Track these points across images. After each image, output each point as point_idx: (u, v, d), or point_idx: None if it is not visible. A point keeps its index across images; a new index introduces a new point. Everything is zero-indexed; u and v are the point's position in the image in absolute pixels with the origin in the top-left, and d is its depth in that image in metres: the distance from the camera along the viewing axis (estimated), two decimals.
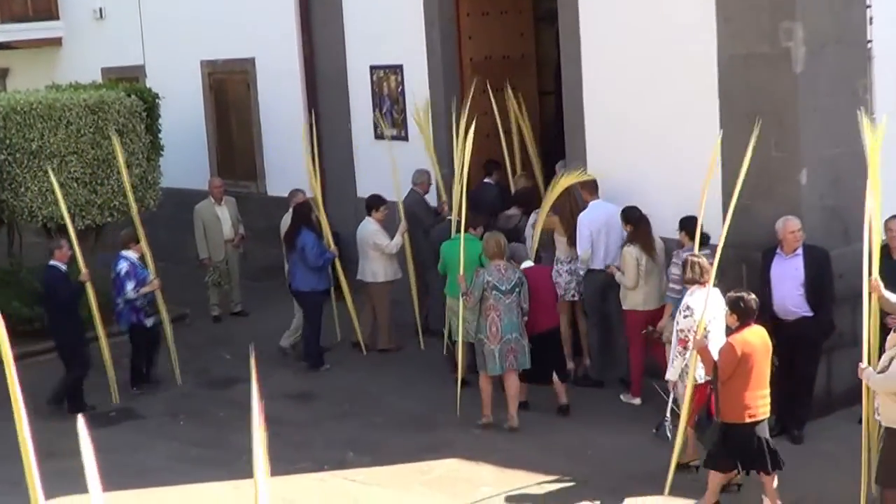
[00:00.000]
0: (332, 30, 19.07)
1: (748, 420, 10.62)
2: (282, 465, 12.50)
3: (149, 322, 15.55)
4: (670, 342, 12.16)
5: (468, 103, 15.42)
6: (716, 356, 10.79)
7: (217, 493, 12.21)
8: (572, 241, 14.52)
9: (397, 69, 18.09)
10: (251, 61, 20.64)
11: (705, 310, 11.23)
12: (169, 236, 20.80)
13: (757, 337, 10.70)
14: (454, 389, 14.09)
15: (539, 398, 13.76)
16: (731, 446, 10.74)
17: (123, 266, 15.32)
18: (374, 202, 16.25)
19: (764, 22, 12.89)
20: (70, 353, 15.03)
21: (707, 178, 11.63)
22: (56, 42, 25.11)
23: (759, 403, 10.66)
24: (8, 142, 17.26)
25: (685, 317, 11.56)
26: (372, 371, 15.90)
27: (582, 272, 14.51)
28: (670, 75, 13.95)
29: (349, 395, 15.01)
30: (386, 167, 17.15)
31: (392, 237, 16.10)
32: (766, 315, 12.47)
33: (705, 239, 12.62)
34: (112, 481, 12.56)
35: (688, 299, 11.65)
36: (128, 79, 21.04)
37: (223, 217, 18.58)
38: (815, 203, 13.01)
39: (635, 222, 13.74)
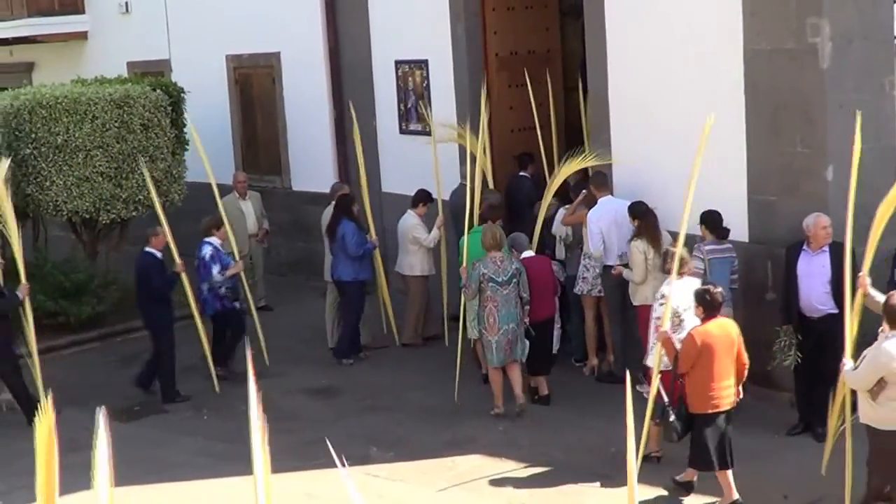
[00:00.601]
0: (358, 24, 19.05)
1: (711, 411, 10.87)
2: (302, 461, 12.55)
3: (236, 306, 15.82)
4: None
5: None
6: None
7: (238, 487, 12.18)
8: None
9: (422, 64, 18.06)
10: (276, 56, 20.63)
11: (669, 300, 11.45)
12: (193, 231, 20.84)
13: (720, 329, 10.89)
14: (478, 385, 14.07)
15: (562, 395, 13.71)
16: (699, 435, 10.97)
17: (208, 251, 15.57)
18: (421, 197, 16.26)
19: (790, 17, 12.83)
20: (157, 340, 15.22)
21: (696, 163, 11.50)
22: (82, 36, 25.14)
23: (723, 395, 10.90)
24: (34, 136, 17.30)
25: (660, 304, 11.77)
26: (395, 366, 15.90)
27: (598, 269, 14.48)
28: (696, 70, 13.89)
29: (372, 391, 15.01)
30: (411, 161, 17.14)
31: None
32: (792, 312, 12.46)
33: (725, 233, 12.83)
34: (135, 476, 12.70)
35: (663, 288, 11.82)
36: (153, 73, 21.12)
37: (247, 211, 18.58)
38: (841, 200, 12.89)
39: (642, 216, 13.74)
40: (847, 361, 10.49)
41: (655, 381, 11.43)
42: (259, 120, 21.46)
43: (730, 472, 11.03)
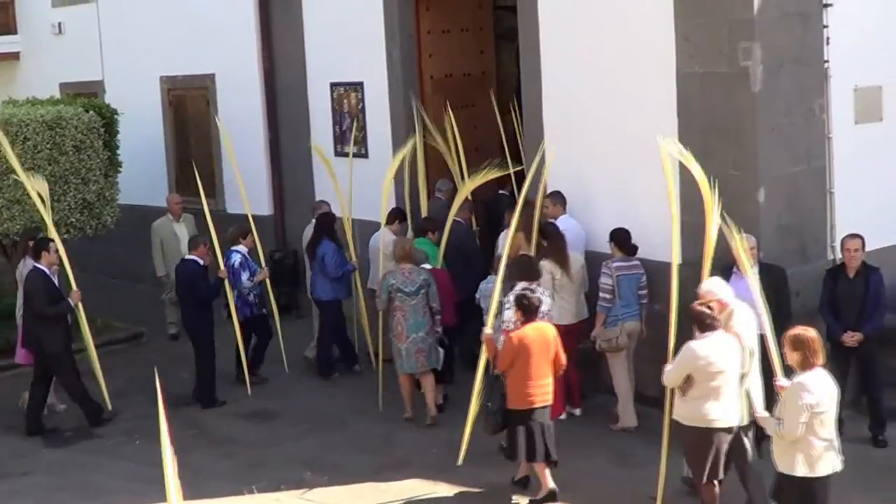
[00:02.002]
0: (293, 46, 19.04)
1: (527, 407, 11.59)
2: (238, 485, 12.48)
3: (264, 311, 16.20)
4: (603, 349, 13.41)
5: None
6: None
7: None
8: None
9: (357, 86, 18.06)
10: (211, 77, 20.59)
11: (494, 302, 12.27)
12: (126, 253, 20.73)
13: (536, 332, 11.61)
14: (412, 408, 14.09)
15: None
16: (516, 431, 11.67)
17: (237, 259, 15.90)
18: (396, 214, 16.19)
19: (722, 41, 12.94)
20: (199, 346, 15.54)
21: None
22: (14, 56, 25.01)
23: (539, 392, 11.61)
24: None
25: (507, 309, 12.38)
26: (331, 390, 15.83)
27: None
28: (629, 93, 13.98)
29: (308, 415, 14.94)
30: (346, 184, 17.12)
31: None
32: None
33: (634, 250, 13.32)
34: (67, 502, 12.58)
35: (510, 294, 12.36)
36: (86, 94, 20.99)
37: (181, 234, 18.48)
38: (772, 221, 13.06)
39: (551, 237, 13.95)
40: (669, 365, 10.95)
41: (479, 381, 12.31)
42: (193, 142, 21.38)
43: (543, 463, 11.74)
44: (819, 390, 9.34)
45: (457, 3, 17.63)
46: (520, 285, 12.50)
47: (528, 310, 11.68)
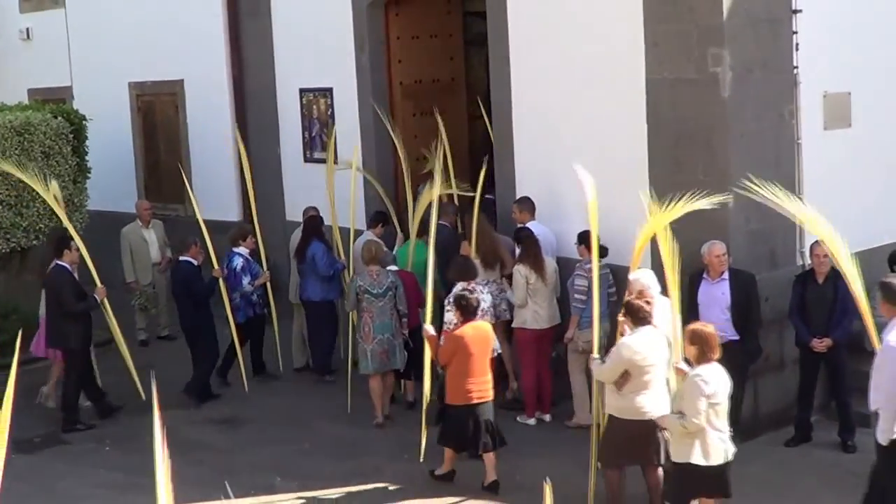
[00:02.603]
0: (262, 52, 19.01)
1: (466, 403, 12.04)
2: (208, 490, 12.43)
3: (260, 312, 16.41)
4: (581, 351, 13.32)
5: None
6: None
7: None
8: (487, 263, 14.60)
9: (327, 92, 18.05)
10: (180, 83, 20.54)
11: (432, 301, 12.84)
12: (95, 259, 20.60)
13: (475, 331, 12.13)
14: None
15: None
16: (452, 425, 12.19)
17: (238, 262, 16.05)
18: (379, 218, 16.19)
19: (692, 47, 12.98)
20: (200, 346, 15.67)
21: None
22: None
23: (479, 388, 12.06)
24: None
25: (447, 311, 13.06)
26: (301, 395, 15.81)
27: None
28: (599, 99, 14.02)
29: (277, 420, 14.91)
30: (316, 190, 17.10)
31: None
32: None
33: (604, 252, 13.22)
34: None
35: (449, 296, 13.05)
36: (55, 100, 20.86)
37: (150, 240, 18.45)
38: (741, 227, 13.10)
39: (525, 242, 14.03)
40: (594, 357, 11.36)
41: (428, 380, 12.83)
42: (162, 148, 21.32)
43: (492, 454, 12.18)
44: (714, 382, 9.85)
45: (426, 9, 17.64)
46: (458, 286, 12.96)
47: (466, 310, 12.22)
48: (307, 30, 18.15)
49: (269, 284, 16.42)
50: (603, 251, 13.44)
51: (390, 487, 12.55)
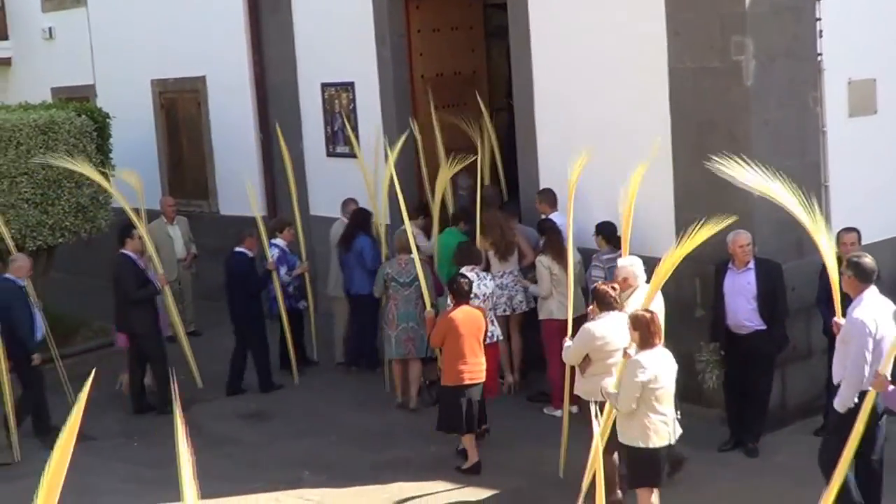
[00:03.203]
0: (283, 47, 19.03)
1: (460, 384, 12.43)
2: (236, 485, 12.47)
3: (301, 305, 16.61)
4: None
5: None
6: None
7: None
8: (501, 255, 14.70)
9: (349, 86, 18.06)
10: (202, 80, 20.57)
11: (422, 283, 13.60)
12: None
13: (465, 315, 12.54)
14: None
15: (492, 417, 13.68)
16: (448, 405, 12.56)
17: (275, 252, 16.15)
18: (420, 209, 16.37)
19: (714, 36, 12.94)
20: (252, 336, 15.83)
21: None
22: (5, 62, 24.99)
23: (470, 370, 12.46)
24: None
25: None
26: (326, 389, 15.84)
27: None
28: (622, 90, 13.98)
29: (304, 414, 14.95)
30: (339, 184, 17.11)
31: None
32: (719, 329, 12.54)
33: (620, 242, 13.05)
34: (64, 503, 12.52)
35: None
36: (78, 98, 20.93)
37: (175, 236, 18.49)
38: (767, 216, 13.03)
39: (548, 233, 14.06)
40: (567, 341, 11.63)
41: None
42: (185, 144, 21.37)
43: (473, 436, 12.62)
44: (654, 367, 9.97)
45: (447, 1, 17.63)
46: (463, 269, 13.47)
47: (458, 293, 12.70)
48: (328, 24, 18.16)
49: (307, 276, 16.56)
50: (619, 241, 13.45)
51: (419, 479, 12.55)
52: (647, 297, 10.56)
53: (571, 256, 12.36)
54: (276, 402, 15.47)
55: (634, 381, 9.93)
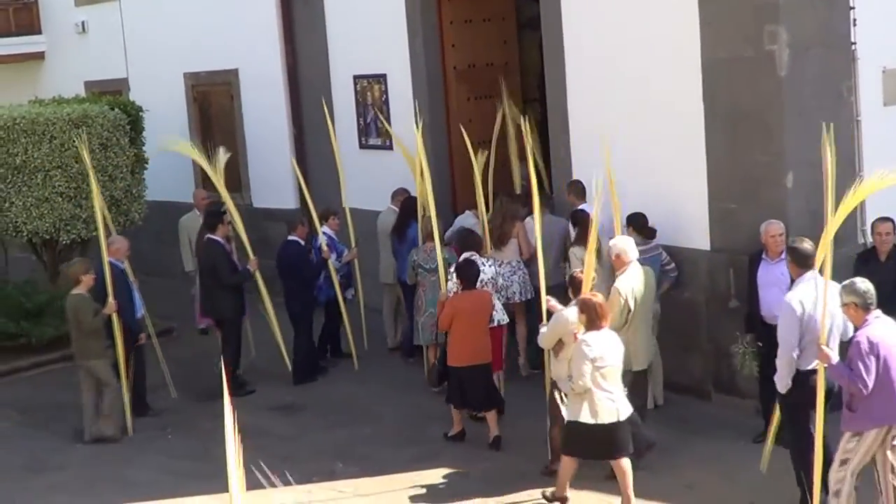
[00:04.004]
0: (316, 40, 19.04)
1: (464, 364, 12.92)
2: (267, 477, 12.49)
3: (348, 294, 16.65)
4: None
5: None
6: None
7: None
8: (493, 243, 14.91)
9: (381, 78, 18.06)
10: (234, 72, 20.61)
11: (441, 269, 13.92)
12: (154, 249, 20.75)
13: (471, 298, 13.04)
14: (442, 398, 14.10)
15: (521, 407, 13.68)
16: (453, 385, 13.11)
17: (323, 240, 16.19)
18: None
19: (747, 25, 12.87)
20: (299, 326, 16.01)
21: None
22: (39, 56, 25.09)
23: (476, 351, 12.90)
24: None
25: (451, 280, 13.64)
26: (358, 381, 15.85)
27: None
28: (654, 80, 13.92)
29: (336, 406, 14.97)
30: (372, 176, 17.14)
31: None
32: (754, 320, 12.49)
33: (652, 233, 13.50)
34: (99, 495, 12.63)
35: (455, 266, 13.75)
36: (111, 92, 21.05)
37: None
38: (801, 206, 12.97)
39: (580, 223, 13.99)
40: (542, 326, 11.96)
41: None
42: (218, 137, 21.38)
43: (493, 413, 13.10)
44: (600, 347, 10.70)
45: None
46: (464, 255, 13.77)
47: (466, 279, 13.16)
48: (360, 16, 18.17)
49: (357, 263, 16.68)
50: (651, 232, 13.47)
51: (450, 471, 12.56)
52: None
53: (597, 246, 12.26)
54: (307, 394, 15.49)
55: (584, 359, 10.64)
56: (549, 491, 11.59)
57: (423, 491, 12.19)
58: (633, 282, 12.15)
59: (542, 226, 14.23)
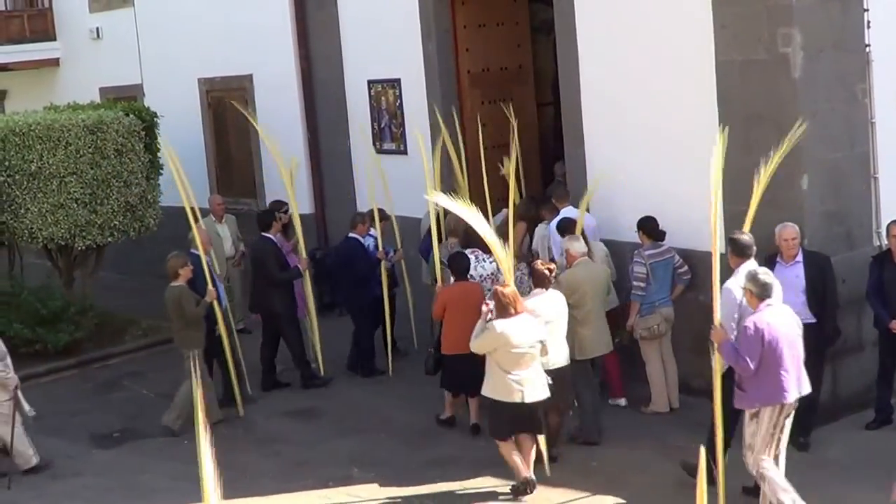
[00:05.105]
0: (329, 45, 19.06)
1: (457, 352, 13.12)
2: (285, 482, 12.51)
3: (393, 293, 16.64)
4: (643, 338, 13.69)
5: None
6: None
7: None
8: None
9: (395, 83, 18.07)
10: (249, 78, 20.64)
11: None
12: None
13: (461, 289, 13.52)
14: (460, 404, 14.10)
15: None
16: (447, 372, 13.65)
17: (370, 242, 16.32)
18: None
19: (761, 28, 12.86)
20: (355, 320, 16.30)
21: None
22: (54, 63, 25.13)
23: (467, 339, 12.46)
24: (7, 164, 17.24)
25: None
26: (374, 386, 15.85)
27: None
28: (668, 83, 13.92)
29: (352, 412, 14.97)
30: (386, 181, 17.14)
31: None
32: None
33: (662, 236, 13.66)
34: (116, 502, 12.63)
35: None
36: (126, 98, 21.09)
37: (224, 235, 18.52)
38: (816, 208, 12.97)
39: (569, 230, 13.99)
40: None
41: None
42: (233, 142, 21.44)
43: (476, 399, 13.34)
44: (506, 332, 11.52)
45: None
46: (463, 250, 14.23)
47: (457, 271, 13.73)
48: (374, 21, 18.17)
49: (403, 264, 16.78)
50: (661, 235, 13.52)
51: (467, 477, 12.54)
52: None
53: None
54: (323, 399, 15.49)
55: (487, 337, 11.66)
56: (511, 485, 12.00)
57: (440, 495, 12.18)
58: (579, 276, 13.00)
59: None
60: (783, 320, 10.55)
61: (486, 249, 12.87)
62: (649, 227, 13.67)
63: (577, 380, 12.80)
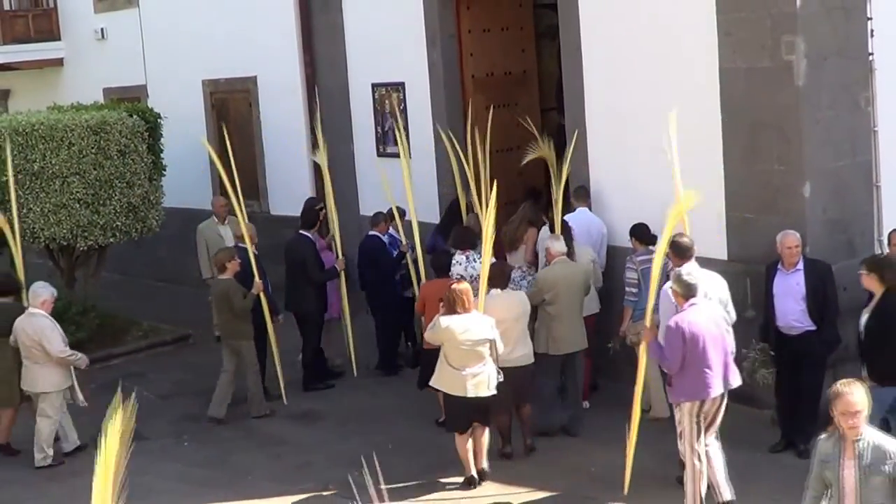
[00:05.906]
0: (334, 48, 19.07)
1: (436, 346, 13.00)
2: (285, 485, 12.52)
3: (408, 293, 16.50)
4: (635, 343, 13.21)
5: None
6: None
7: None
8: (507, 247, 14.95)
9: (399, 86, 18.08)
10: (253, 80, 20.65)
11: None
12: (171, 256, 20.80)
13: (442, 285, 13.22)
14: None
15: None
16: (426, 368, 13.41)
17: (387, 240, 16.44)
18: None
19: (765, 36, 12.88)
20: (380, 318, 16.46)
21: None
22: (58, 63, 25.16)
23: None
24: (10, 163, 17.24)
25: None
26: (376, 389, 15.85)
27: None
28: (672, 89, 13.91)
29: (354, 415, 14.97)
30: (389, 185, 17.15)
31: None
32: (770, 330, 12.48)
33: (653, 240, 13.41)
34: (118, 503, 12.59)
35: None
36: (130, 99, 21.10)
37: (226, 236, 18.49)
38: (818, 216, 12.99)
39: (563, 230, 14.05)
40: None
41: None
42: (236, 144, 21.42)
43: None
44: (451, 328, 11.93)
45: (497, 2, 17.61)
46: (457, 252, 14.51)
47: (439, 268, 14.27)
48: (378, 24, 18.19)
49: (420, 261, 16.48)
50: (652, 240, 13.53)
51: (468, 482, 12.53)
52: None
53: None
54: (325, 403, 15.50)
55: (436, 330, 12.11)
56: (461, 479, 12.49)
57: (440, 499, 12.24)
58: (554, 274, 13.30)
59: (582, 224, 14.45)
60: (706, 319, 10.94)
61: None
62: (640, 233, 13.74)
63: (550, 375, 13.39)
